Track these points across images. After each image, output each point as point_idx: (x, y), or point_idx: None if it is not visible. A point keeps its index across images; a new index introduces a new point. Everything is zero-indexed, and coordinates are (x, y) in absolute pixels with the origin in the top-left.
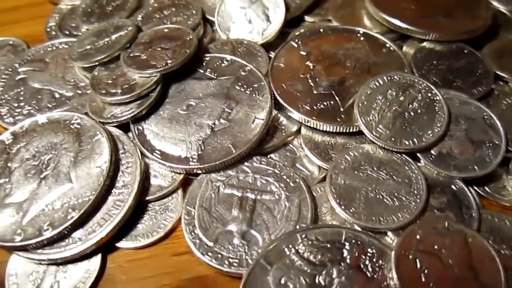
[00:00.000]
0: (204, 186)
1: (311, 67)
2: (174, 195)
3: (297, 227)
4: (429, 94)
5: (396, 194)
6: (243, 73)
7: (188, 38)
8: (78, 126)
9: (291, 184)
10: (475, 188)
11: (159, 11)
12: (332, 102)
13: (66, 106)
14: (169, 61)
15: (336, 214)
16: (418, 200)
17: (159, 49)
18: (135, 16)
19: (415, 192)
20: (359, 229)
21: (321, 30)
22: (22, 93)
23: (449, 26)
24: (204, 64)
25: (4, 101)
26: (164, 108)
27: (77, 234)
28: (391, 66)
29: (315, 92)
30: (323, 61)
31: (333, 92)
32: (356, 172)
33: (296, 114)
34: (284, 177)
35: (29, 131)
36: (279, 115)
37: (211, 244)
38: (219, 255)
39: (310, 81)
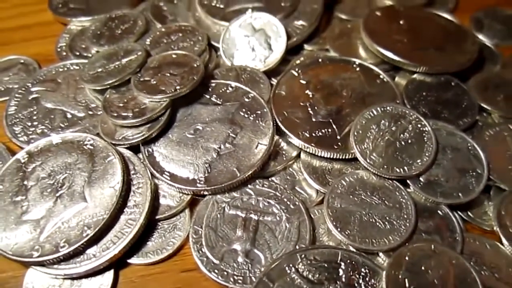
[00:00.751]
0: (211, 207)
1: (311, 96)
2: (182, 215)
3: (297, 247)
4: (419, 125)
5: (387, 218)
6: (246, 100)
7: (195, 65)
8: (91, 147)
9: (291, 207)
10: (459, 213)
11: (166, 36)
12: (329, 130)
13: (78, 126)
14: (177, 87)
15: (333, 235)
16: (407, 224)
17: (168, 74)
18: (143, 40)
19: (405, 216)
20: (354, 250)
21: (320, 60)
22: (35, 112)
23: (439, 59)
24: (210, 89)
25: (18, 120)
26: (173, 132)
27: (92, 250)
28: (384, 96)
29: (314, 120)
30: (321, 90)
31: (330, 120)
32: (351, 196)
33: (296, 140)
34: (285, 199)
35: (44, 150)
36: (280, 140)
37: (217, 262)
38: (225, 273)
39: (309, 109)
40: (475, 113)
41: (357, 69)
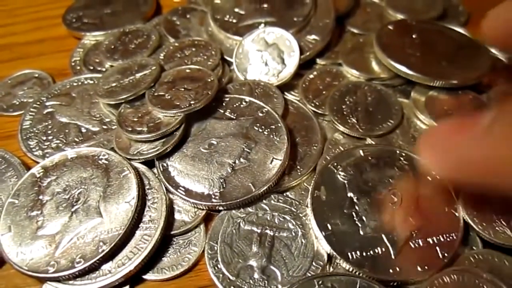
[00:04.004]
0: (226, 222)
1: (355, 200)
2: (197, 230)
3: (314, 263)
4: None
5: None
6: (261, 114)
7: (209, 80)
8: (106, 162)
9: (307, 222)
10: None
11: (179, 51)
12: (383, 249)
13: (92, 140)
14: (192, 102)
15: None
16: None
17: (182, 89)
18: (157, 54)
19: None
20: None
21: (361, 153)
22: (50, 126)
23: (453, 73)
24: (224, 104)
25: (33, 134)
26: (187, 146)
27: (107, 266)
28: (440, 197)
29: (362, 233)
30: (366, 194)
31: (383, 235)
32: None
33: (346, 264)
34: (300, 215)
35: (59, 165)
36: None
37: (233, 278)
38: None
39: (355, 219)
40: None
41: (405, 162)
